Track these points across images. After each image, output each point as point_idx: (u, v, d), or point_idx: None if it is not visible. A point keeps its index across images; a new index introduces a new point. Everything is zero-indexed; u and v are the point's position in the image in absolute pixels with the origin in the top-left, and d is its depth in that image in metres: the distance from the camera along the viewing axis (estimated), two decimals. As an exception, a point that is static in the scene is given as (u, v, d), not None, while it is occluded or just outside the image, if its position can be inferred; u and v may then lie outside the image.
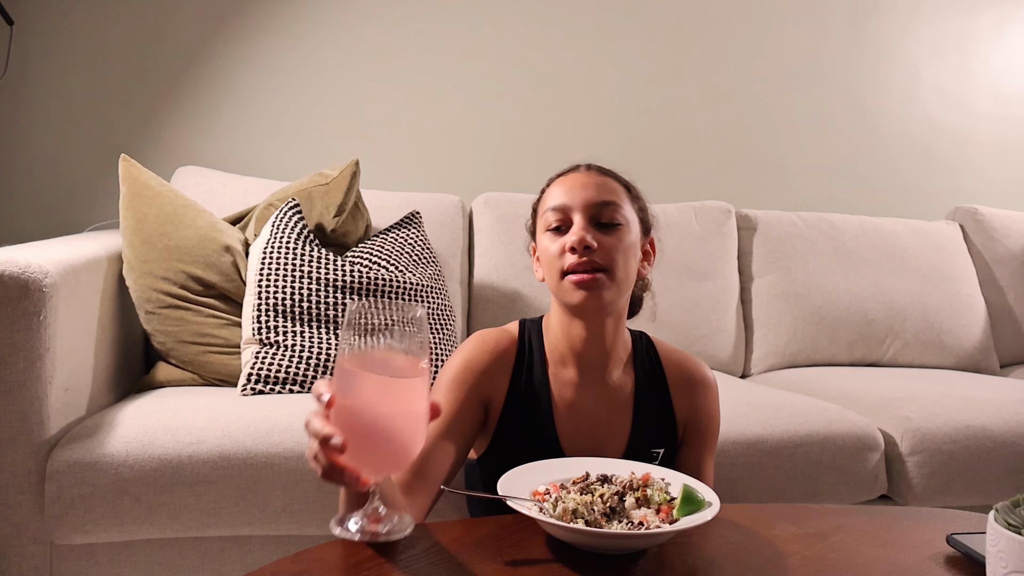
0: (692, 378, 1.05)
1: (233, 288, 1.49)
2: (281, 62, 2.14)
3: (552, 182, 1.03)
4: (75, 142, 2.03)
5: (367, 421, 0.63)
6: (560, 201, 0.97)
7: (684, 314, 1.99)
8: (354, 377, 0.63)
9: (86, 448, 1.09)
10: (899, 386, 1.71)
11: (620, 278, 0.95)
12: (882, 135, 2.58)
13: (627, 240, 0.97)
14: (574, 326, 0.99)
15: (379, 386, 0.63)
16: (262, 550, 1.19)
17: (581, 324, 0.98)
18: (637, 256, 1.00)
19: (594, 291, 0.93)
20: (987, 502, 1.43)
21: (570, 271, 0.94)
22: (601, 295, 0.93)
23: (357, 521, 0.66)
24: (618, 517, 0.75)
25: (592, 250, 0.93)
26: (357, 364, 0.63)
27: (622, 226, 0.97)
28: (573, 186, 0.98)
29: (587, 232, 0.94)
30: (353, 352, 0.63)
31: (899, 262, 2.17)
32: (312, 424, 0.63)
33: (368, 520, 0.66)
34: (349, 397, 0.63)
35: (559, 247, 0.95)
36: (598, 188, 0.98)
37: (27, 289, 1.05)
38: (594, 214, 0.96)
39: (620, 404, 1.01)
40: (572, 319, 0.99)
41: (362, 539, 0.65)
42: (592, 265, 0.93)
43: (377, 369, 0.63)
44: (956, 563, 0.74)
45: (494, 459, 1.01)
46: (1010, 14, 2.68)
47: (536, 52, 2.30)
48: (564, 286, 0.95)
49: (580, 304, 0.94)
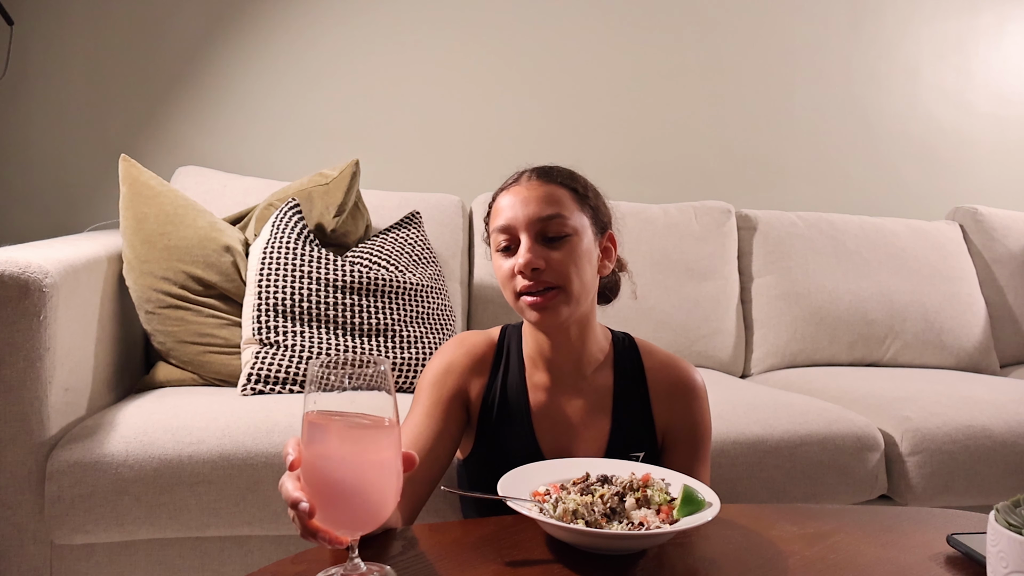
0: (676, 382, 1.03)
1: (233, 288, 1.49)
2: (281, 62, 2.14)
3: (497, 195, 1.00)
4: (75, 142, 2.03)
5: (336, 478, 0.61)
6: (504, 221, 0.95)
7: (684, 314, 1.99)
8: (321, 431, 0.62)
9: (86, 448, 1.09)
10: (899, 386, 1.71)
11: (575, 291, 0.94)
12: (882, 135, 2.58)
13: (578, 250, 0.94)
14: (539, 336, 1.00)
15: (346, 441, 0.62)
16: (262, 550, 1.19)
17: (545, 335, 0.99)
18: (593, 261, 0.98)
19: (549, 311, 0.93)
20: (987, 502, 1.43)
21: (523, 292, 0.94)
22: (557, 312, 0.93)
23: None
24: (618, 518, 0.75)
25: (541, 271, 0.92)
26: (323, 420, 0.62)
27: (571, 236, 0.94)
28: (516, 202, 0.95)
29: (534, 252, 0.92)
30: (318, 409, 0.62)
31: (899, 262, 2.17)
32: (284, 488, 0.62)
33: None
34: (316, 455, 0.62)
35: (509, 269, 0.95)
36: (540, 202, 0.94)
37: (27, 289, 1.05)
38: (540, 230, 0.93)
39: (598, 406, 1.01)
40: (537, 330, 0.99)
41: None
42: (544, 285, 0.93)
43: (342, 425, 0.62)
44: (956, 563, 0.74)
45: (478, 461, 1.02)
46: (1010, 14, 2.68)
47: (536, 52, 2.30)
48: (520, 307, 0.95)
49: (538, 324, 0.95)
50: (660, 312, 1.98)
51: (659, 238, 2.05)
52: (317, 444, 0.62)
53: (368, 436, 0.63)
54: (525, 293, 0.93)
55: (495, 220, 0.97)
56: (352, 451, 0.62)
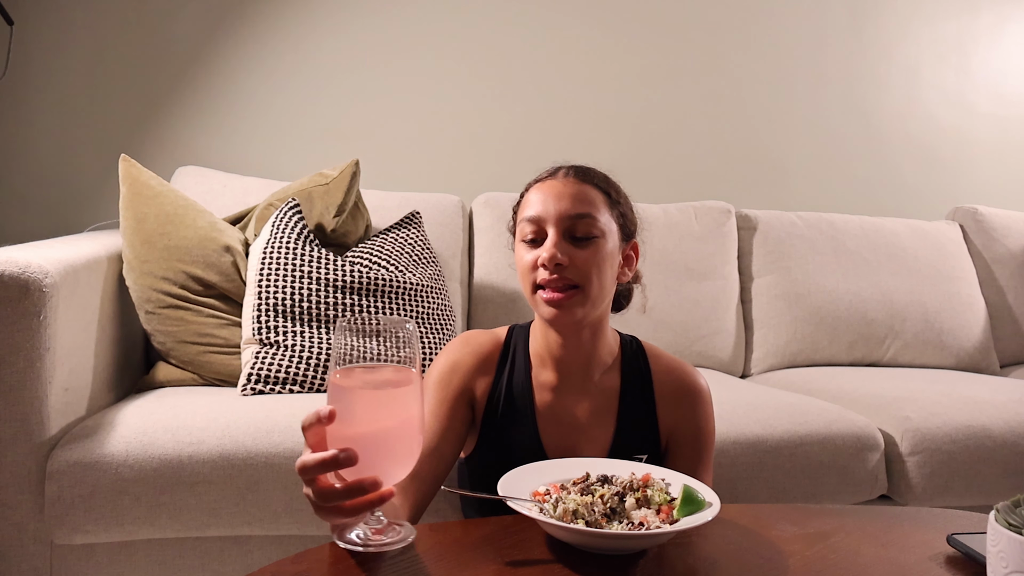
0: (681, 386, 1.03)
1: (233, 288, 1.49)
2: (281, 62, 2.14)
3: (531, 187, 1.00)
4: (75, 142, 2.03)
5: (371, 435, 0.63)
6: (535, 212, 0.95)
7: (684, 314, 1.99)
8: (351, 393, 0.63)
9: (86, 448, 1.09)
10: (899, 386, 1.71)
11: (594, 294, 0.94)
12: (882, 135, 2.58)
13: (602, 253, 0.94)
14: (550, 333, 0.99)
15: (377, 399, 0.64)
16: (262, 550, 1.19)
17: (556, 333, 0.99)
18: (615, 266, 0.98)
19: (565, 309, 0.93)
20: (987, 502, 1.43)
21: (542, 286, 0.94)
22: (573, 312, 0.93)
23: (361, 533, 0.66)
24: (618, 518, 0.75)
25: (564, 267, 0.92)
26: (352, 381, 0.64)
27: (598, 239, 0.94)
28: (548, 196, 0.95)
29: (559, 248, 0.92)
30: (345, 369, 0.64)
31: (899, 262, 2.17)
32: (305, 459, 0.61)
33: (371, 531, 0.66)
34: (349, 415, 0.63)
35: (532, 260, 0.94)
36: (573, 199, 0.94)
37: (27, 289, 1.05)
38: (568, 227, 0.94)
39: (603, 408, 1.01)
40: (548, 327, 0.99)
41: (366, 550, 0.65)
42: (564, 282, 0.92)
43: (373, 384, 0.64)
44: (956, 563, 0.74)
45: (481, 459, 1.02)
46: (1010, 14, 2.68)
47: (536, 52, 2.30)
48: (536, 300, 0.95)
49: (551, 320, 0.95)
50: (660, 312, 1.98)
51: (659, 238, 2.05)
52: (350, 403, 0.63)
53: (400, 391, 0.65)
54: (543, 287, 0.93)
55: (525, 210, 0.97)
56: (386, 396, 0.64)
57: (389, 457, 0.64)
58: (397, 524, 0.68)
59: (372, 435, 0.63)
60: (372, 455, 0.62)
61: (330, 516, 0.63)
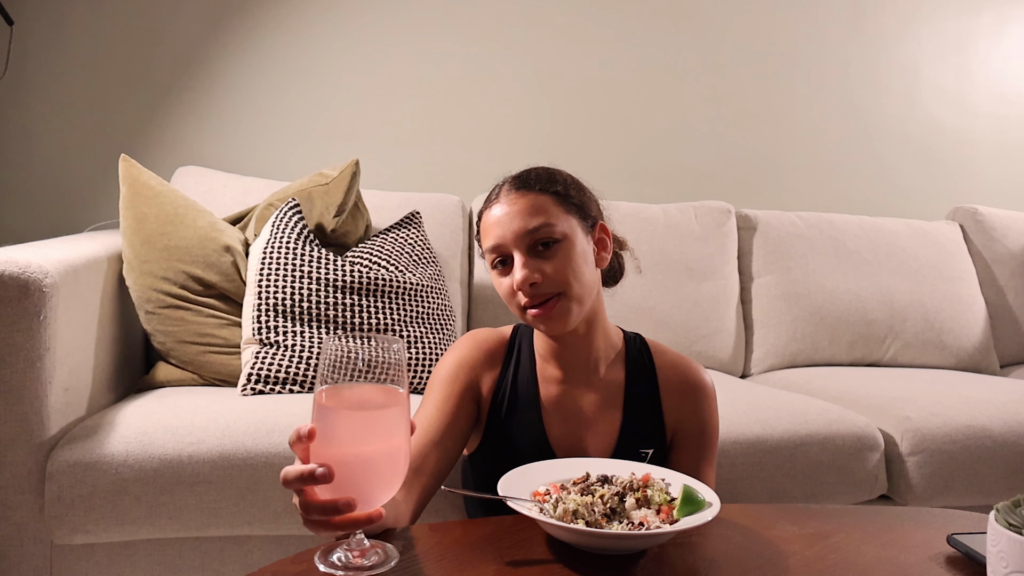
0: (686, 381, 1.04)
1: (233, 288, 1.49)
2: (281, 62, 2.14)
3: (481, 215, 1.00)
4: (75, 142, 2.03)
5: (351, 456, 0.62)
6: (493, 241, 0.96)
7: (684, 314, 1.99)
8: (332, 413, 0.62)
9: (86, 448, 1.09)
10: (899, 386, 1.71)
11: (577, 292, 0.94)
12: (882, 135, 2.58)
13: (571, 253, 0.95)
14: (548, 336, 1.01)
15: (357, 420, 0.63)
16: (262, 550, 1.19)
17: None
18: (589, 259, 0.98)
19: (555, 318, 0.94)
20: (987, 502, 1.43)
21: (527, 307, 0.95)
22: (564, 318, 0.94)
23: (342, 556, 0.66)
24: (618, 518, 0.75)
25: (539, 283, 0.93)
26: (336, 401, 0.63)
27: (561, 242, 0.94)
28: (500, 220, 0.95)
29: (528, 267, 0.93)
30: (331, 388, 0.63)
31: (899, 262, 2.17)
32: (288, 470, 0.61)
33: (352, 554, 0.66)
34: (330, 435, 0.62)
35: (509, 286, 0.96)
36: (523, 215, 0.94)
37: (27, 289, 1.05)
38: (529, 243, 0.94)
39: (609, 401, 1.02)
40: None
41: (346, 573, 0.64)
42: (546, 297, 0.94)
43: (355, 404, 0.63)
44: (956, 563, 0.74)
45: (485, 455, 1.02)
46: (1010, 14, 2.68)
47: (536, 52, 2.30)
48: (527, 319, 0.97)
49: (547, 332, 0.97)
50: (660, 312, 1.98)
51: (659, 238, 2.05)
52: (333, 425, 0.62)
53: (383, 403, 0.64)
54: (529, 307, 0.95)
55: (485, 240, 0.98)
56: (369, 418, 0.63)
57: (369, 479, 0.63)
58: (379, 547, 0.68)
59: (351, 456, 0.62)
60: (350, 475, 0.62)
61: (316, 529, 0.63)
